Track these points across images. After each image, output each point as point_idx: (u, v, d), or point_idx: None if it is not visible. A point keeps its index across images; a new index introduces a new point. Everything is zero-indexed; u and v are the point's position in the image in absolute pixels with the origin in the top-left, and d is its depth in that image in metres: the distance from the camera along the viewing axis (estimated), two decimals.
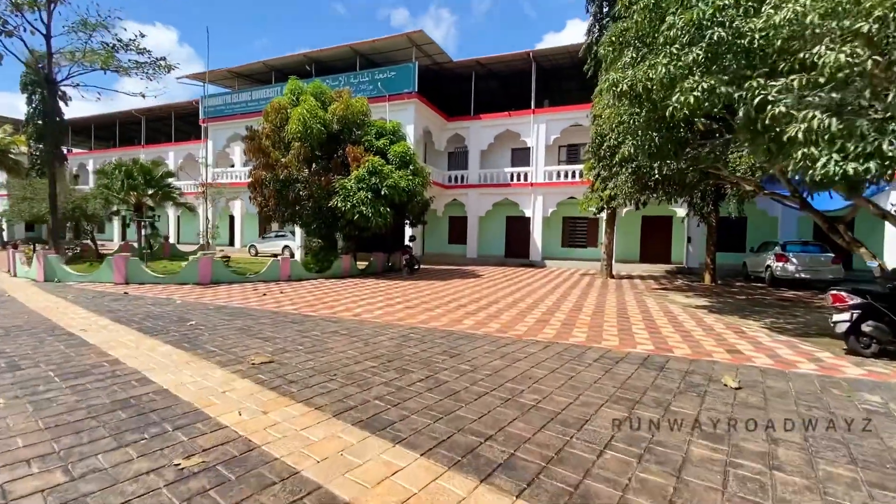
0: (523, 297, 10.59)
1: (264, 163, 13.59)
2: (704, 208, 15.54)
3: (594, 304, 9.60)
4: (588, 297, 10.90)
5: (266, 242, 25.04)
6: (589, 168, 16.86)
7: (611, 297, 10.87)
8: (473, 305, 9.06)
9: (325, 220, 14.08)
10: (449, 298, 9.97)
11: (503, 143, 23.88)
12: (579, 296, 11.03)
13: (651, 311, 9.02)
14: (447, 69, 23.38)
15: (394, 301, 9.38)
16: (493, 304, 9.25)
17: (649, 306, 9.60)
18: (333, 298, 9.54)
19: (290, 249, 23.55)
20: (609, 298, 10.68)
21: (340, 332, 6.33)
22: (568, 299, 10.34)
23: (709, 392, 4.14)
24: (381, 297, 10.00)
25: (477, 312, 8.24)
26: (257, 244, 25.26)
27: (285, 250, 25.33)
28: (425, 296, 10.31)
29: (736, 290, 13.49)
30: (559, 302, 9.86)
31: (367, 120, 15.28)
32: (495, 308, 8.82)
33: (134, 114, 33.19)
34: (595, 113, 16.10)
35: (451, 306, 8.88)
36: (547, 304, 9.55)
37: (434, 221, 25.40)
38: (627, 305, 9.62)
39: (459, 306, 8.92)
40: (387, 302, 9.20)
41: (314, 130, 13.36)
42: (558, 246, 23.41)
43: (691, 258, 19.33)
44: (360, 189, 13.31)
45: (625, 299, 10.65)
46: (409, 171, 14.41)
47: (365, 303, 9.06)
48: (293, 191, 13.49)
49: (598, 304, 9.77)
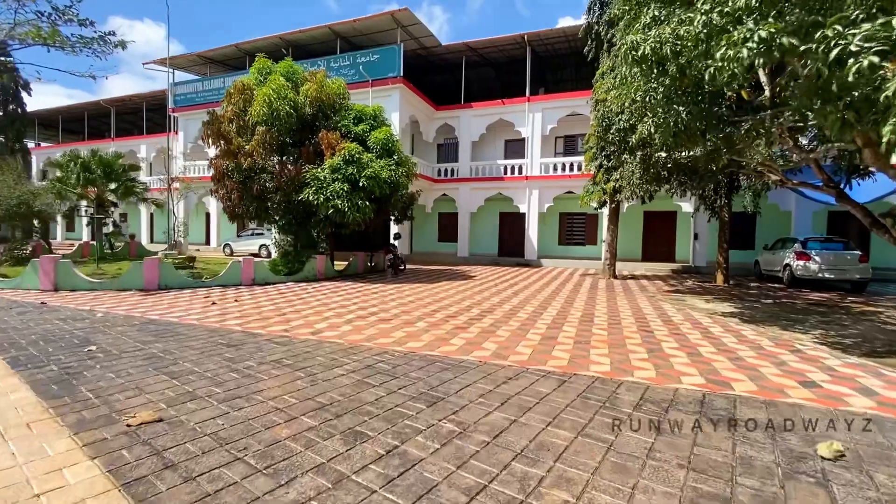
0: (522, 303, 9.09)
1: (225, 150, 11.91)
2: (717, 202, 14.15)
3: (606, 313, 8.12)
4: (596, 302, 9.44)
5: (242, 241, 23.30)
6: (590, 158, 15.42)
7: (622, 303, 9.41)
8: (464, 316, 7.53)
9: (297, 215, 12.45)
10: (435, 306, 8.43)
11: (496, 134, 22.36)
12: (586, 301, 9.56)
13: (675, 321, 7.56)
14: (436, 55, 21.79)
15: (368, 311, 7.81)
16: (486, 314, 7.72)
17: (670, 315, 8.15)
18: (296, 309, 7.94)
19: (266, 248, 21.96)
20: (620, 304, 9.22)
21: (285, 361, 4.75)
22: (574, 305, 8.86)
23: (832, 476, 2.65)
24: (355, 305, 8.42)
25: (468, 326, 6.71)
26: (233, 243, 23.52)
27: (262, 249, 23.66)
28: (407, 303, 8.75)
29: (755, 291, 12.12)
30: (564, 309, 8.37)
31: (344, 103, 13.65)
32: (490, 319, 7.29)
33: (102, 105, 31.13)
34: (598, 97, 14.61)
35: (437, 318, 7.34)
36: (551, 312, 8.06)
37: (422, 218, 23.83)
38: (645, 313, 8.15)
39: (447, 317, 7.38)
40: (359, 313, 7.63)
41: (282, 113, 11.71)
42: (555, 244, 21.97)
43: (698, 256, 18.00)
44: (334, 180, 11.70)
45: (638, 305, 9.19)
46: (391, 161, 12.82)
47: (332, 314, 7.48)
48: (258, 182, 11.84)
49: (611, 311, 8.29)
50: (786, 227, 17.74)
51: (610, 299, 10.00)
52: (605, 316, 7.85)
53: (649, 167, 11.26)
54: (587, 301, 9.61)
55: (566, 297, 10.10)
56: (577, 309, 8.54)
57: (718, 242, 14.60)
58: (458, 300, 9.35)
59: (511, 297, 10.05)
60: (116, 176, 19.66)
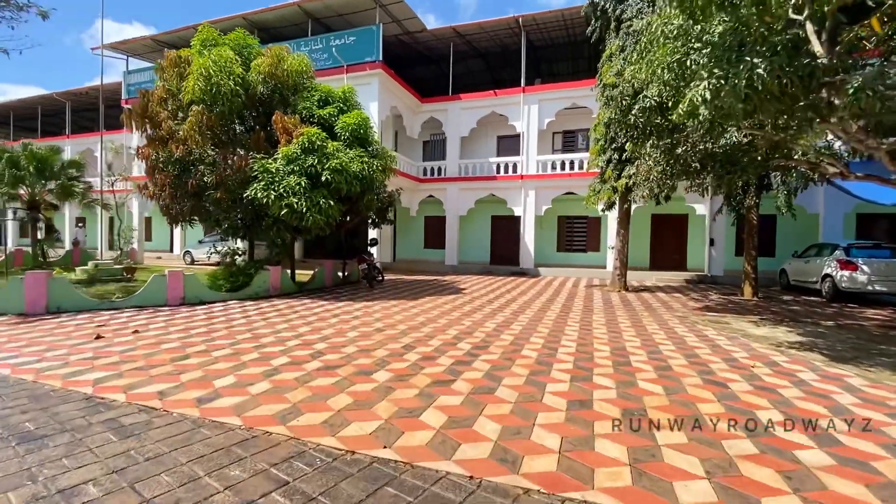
0: (525, 330, 6.88)
1: (152, 136, 9.58)
2: (746, 201, 12.17)
3: (641, 347, 5.95)
4: (619, 327, 7.26)
5: (205, 248, 20.84)
6: (598, 152, 13.37)
7: (652, 328, 7.25)
8: (447, 357, 5.29)
9: (245, 216, 10.14)
10: (409, 339, 6.18)
11: (487, 129, 20.28)
12: (606, 324, 7.38)
13: (739, 359, 5.41)
14: (421, 43, 19.68)
15: (312, 349, 5.54)
16: (479, 352, 5.50)
17: (725, 347, 6.01)
18: (211, 345, 5.64)
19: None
20: (651, 329, 7.05)
21: (100, 481, 2.47)
22: (593, 334, 6.67)
23: None
24: (299, 339, 6.14)
25: (452, 380, 4.48)
26: (194, 250, 21.10)
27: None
28: (372, 333, 6.49)
29: (798, 308, 10.08)
30: (584, 341, 6.19)
31: (308, 83, 11.42)
32: (483, 363, 5.07)
33: (56, 98, 28.46)
34: (607, 81, 12.60)
35: (408, 362, 5.10)
36: (567, 347, 5.86)
37: (407, 222, 21.62)
38: (691, 346, 6.00)
39: (423, 360, 5.14)
40: (297, 354, 5.35)
41: (225, 90, 9.42)
42: (553, 250, 19.86)
43: (714, 264, 16.01)
44: (290, 173, 9.44)
45: (676, 333, 7.04)
46: (363, 152, 10.60)
47: (258, 356, 5.20)
48: (195, 176, 9.51)
49: (646, 344, 6.12)
50: (811, 231, 15.86)
51: (635, 322, 7.85)
52: (644, 353, 5.68)
53: (677, 158, 9.22)
54: (608, 325, 7.44)
55: (580, 320, 7.92)
56: (601, 340, 6.36)
57: (745, 249, 12.61)
58: (441, 326, 7.12)
59: (510, 319, 7.85)
60: (53, 174, 17.16)
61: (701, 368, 5.04)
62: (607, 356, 5.48)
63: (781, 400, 4.08)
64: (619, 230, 13.45)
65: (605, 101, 12.97)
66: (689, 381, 4.54)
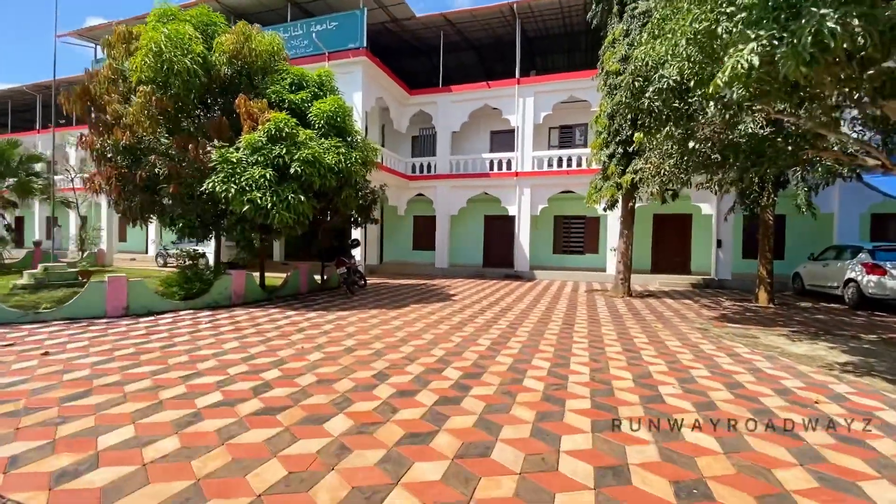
0: (526, 350, 5.74)
1: (95, 121, 8.33)
2: (762, 200, 11.17)
3: (668, 370, 4.84)
4: (635, 343, 6.15)
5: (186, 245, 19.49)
6: (599, 146, 12.30)
7: (672, 344, 6.15)
8: (428, 395, 4.12)
9: (204, 213, 8.91)
10: (384, 364, 5.01)
11: (480, 124, 19.18)
12: (619, 339, 6.26)
13: (792, 389, 4.32)
14: (410, 32, 18.54)
15: (254, 383, 4.36)
16: (470, 385, 4.35)
17: (772, 373, 4.91)
18: (110, 384, 4.43)
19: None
20: (672, 345, 5.95)
21: None
22: (607, 353, 5.55)
23: None
24: (243, 366, 4.94)
25: (432, 433, 3.33)
26: (169, 251, 19.66)
27: (201, 260, 19.96)
28: (339, 357, 5.31)
29: (824, 317, 9.08)
30: (598, 366, 5.06)
31: (279, 65, 10.21)
32: (477, 407, 3.91)
33: (26, 91, 26.89)
34: (609, 69, 11.58)
35: (377, 401, 3.93)
36: (581, 375, 4.73)
37: (395, 222, 20.45)
38: (727, 370, 4.90)
39: (398, 396, 3.98)
40: (230, 392, 4.16)
41: (179, 68, 8.19)
42: (550, 252, 18.80)
43: (722, 267, 15.03)
44: (254, 164, 8.24)
45: (705, 353, 5.95)
46: (341, 142, 9.42)
47: (175, 399, 4.00)
48: (145, 167, 8.26)
49: (677, 373, 5.00)
50: (824, 232, 14.96)
51: (652, 337, 6.75)
52: (675, 383, 4.56)
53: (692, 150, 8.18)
54: (622, 341, 6.33)
55: (588, 334, 6.80)
56: (618, 364, 5.24)
57: (759, 251, 11.61)
58: (424, 345, 5.96)
59: (507, 334, 6.72)
60: (10, 170, 15.79)
61: (754, 407, 3.94)
62: (630, 388, 4.36)
63: (881, 460, 2.98)
64: (623, 231, 12.40)
65: (608, 89, 11.93)
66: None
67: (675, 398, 4.09)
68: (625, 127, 11.40)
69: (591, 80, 15.58)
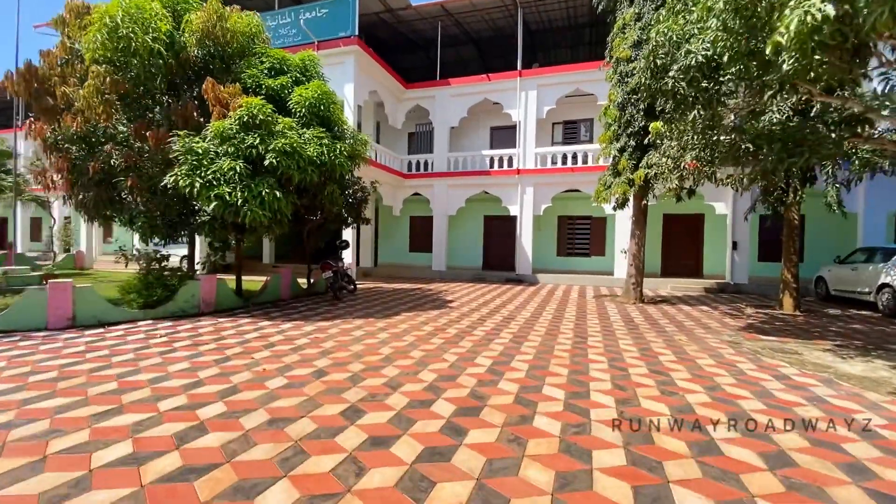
0: (534, 372, 4.75)
1: (42, 106, 7.37)
2: (786, 198, 10.21)
3: (720, 411, 3.83)
4: (663, 366, 5.17)
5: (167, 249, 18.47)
6: (609, 139, 11.35)
7: (705, 362, 5.17)
8: (410, 445, 3.12)
9: (168, 211, 7.94)
10: (360, 395, 4.02)
11: (480, 119, 18.24)
12: (647, 364, 5.27)
13: (880, 434, 3.36)
14: (405, 23, 17.62)
15: (187, 425, 3.37)
16: (466, 427, 3.35)
17: (837, 404, 3.92)
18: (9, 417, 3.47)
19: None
20: (710, 369, 4.96)
21: None
22: (631, 377, 4.56)
23: None
24: (182, 398, 3.96)
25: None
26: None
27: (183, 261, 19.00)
28: (306, 386, 4.32)
29: (859, 325, 8.12)
30: (625, 395, 4.08)
31: (257, 48, 9.27)
32: (475, 463, 2.92)
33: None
34: (619, 55, 10.65)
35: (341, 456, 2.95)
36: (604, 409, 3.75)
37: (390, 222, 19.49)
38: (787, 403, 3.92)
39: (371, 446, 3.00)
40: (143, 443, 3.18)
41: (138, 47, 7.23)
42: (553, 254, 17.82)
43: (738, 270, 14.06)
44: (223, 155, 7.28)
45: (747, 375, 4.96)
46: (324, 133, 8.46)
47: (71, 450, 3.02)
48: (98, 157, 7.30)
49: (722, 403, 4.01)
50: (846, 232, 13.99)
51: (679, 354, 5.78)
52: (723, 418, 3.59)
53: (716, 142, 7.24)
54: (646, 360, 5.35)
55: (605, 351, 5.82)
56: (649, 392, 4.26)
57: (784, 254, 10.65)
58: (412, 366, 4.98)
59: (510, 351, 5.74)
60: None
61: (840, 460, 2.96)
62: (671, 431, 3.39)
63: None
64: (635, 231, 11.43)
65: (619, 77, 10.97)
66: (840, 495, 2.46)
67: (733, 445, 3.12)
68: (637, 117, 10.46)
69: (598, 72, 14.64)
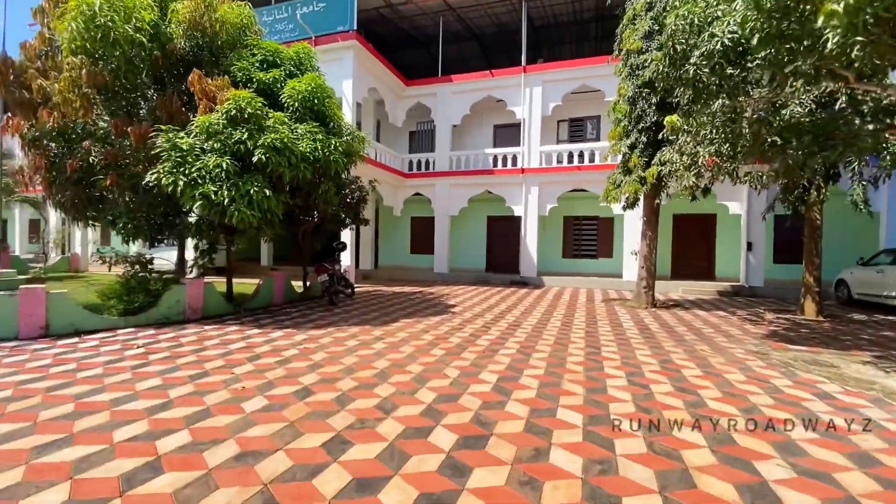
0: (545, 390, 4.21)
1: (18, 100, 6.92)
2: (808, 196, 9.66)
3: (766, 441, 3.30)
4: (688, 381, 4.62)
5: (160, 252, 18.05)
6: (619, 135, 10.82)
7: (734, 376, 4.62)
8: (401, 490, 2.66)
9: (152, 211, 7.47)
10: (347, 421, 3.49)
11: (483, 117, 17.75)
12: (671, 381, 4.73)
13: None
14: (406, 18, 17.18)
15: (136, 464, 2.88)
16: (469, 464, 2.82)
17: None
18: None
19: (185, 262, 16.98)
20: (742, 386, 4.42)
21: None
22: (654, 395, 4.02)
23: None
24: (139, 426, 3.47)
25: None
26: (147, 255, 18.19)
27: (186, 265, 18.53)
28: (286, 409, 3.80)
29: (890, 332, 7.56)
30: (649, 413, 3.57)
31: (248, 40, 8.80)
32: None
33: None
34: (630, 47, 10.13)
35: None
36: (631, 439, 3.22)
37: (391, 223, 19.02)
38: (845, 431, 3.40)
39: (354, 488, 2.50)
40: (82, 488, 2.69)
41: (118, 39, 6.77)
42: (559, 256, 17.29)
43: (753, 273, 13.48)
44: (209, 151, 6.81)
45: (786, 394, 4.42)
46: (318, 128, 7.98)
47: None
48: (76, 154, 6.84)
49: (767, 434, 3.46)
50: (865, 233, 13.41)
51: (704, 367, 5.24)
52: (774, 452, 3.06)
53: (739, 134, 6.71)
54: (669, 375, 4.83)
55: (622, 362, 5.29)
56: (676, 412, 3.74)
57: (805, 256, 10.13)
58: (409, 383, 4.47)
59: (518, 363, 5.22)
60: None
61: None
62: (711, 464, 2.86)
63: None
64: (646, 232, 10.89)
65: (629, 70, 10.46)
66: None
67: (790, 488, 2.59)
68: (649, 112, 9.94)
69: (605, 67, 14.10)
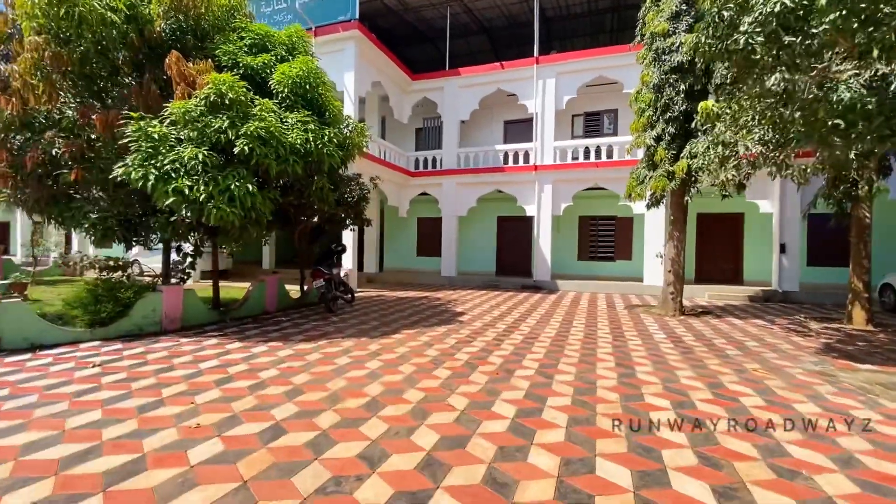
0: (578, 427, 3.31)
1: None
2: (856, 192, 8.66)
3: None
4: (748, 410, 3.67)
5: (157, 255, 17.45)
6: (641, 128, 9.88)
7: (805, 407, 3.67)
8: None
9: (126, 209, 6.72)
10: (321, 478, 2.63)
11: (493, 112, 16.88)
12: (725, 410, 3.77)
13: None
14: (412, 10, 16.37)
15: None
16: None
17: None
18: None
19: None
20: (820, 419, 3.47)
21: None
22: (718, 432, 3.14)
23: None
24: (47, 485, 2.67)
25: None
26: (143, 259, 17.63)
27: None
28: (242, 458, 2.94)
29: None
30: (709, 462, 2.67)
31: (237, 22, 8.05)
32: None
33: None
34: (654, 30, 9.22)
35: None
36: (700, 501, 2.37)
37: (396, 224, 18.22)
38: None
39: None
40: None
41: (86, 17, 6.04)
42: (574, 258, 16.33)
43: (787, 277, 12.41)
44: (185, 141, 6.04)
45: (880, 433, 3.51)
46: (310, 117, 7.18)
47: None
48: (38, 147, 6.11)
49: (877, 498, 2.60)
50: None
51: (765, 394, 4.30)
52: None
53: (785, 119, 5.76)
54: (724, 405, 3.90)
55: (665, 389, 4.38)
56: (750, 467, 2.83)
57: (853, 258, 9.08)
58: (405, 417, 3.61)
59: (539, 390, 4.34)
60: None
61: None
62: None
63: None
64: (673, 232, 9.92)
65: (654, 55, 9.53)
66: None
67: None
68: (677, 100, 9.00)
69: (624, 57, 13.25)
